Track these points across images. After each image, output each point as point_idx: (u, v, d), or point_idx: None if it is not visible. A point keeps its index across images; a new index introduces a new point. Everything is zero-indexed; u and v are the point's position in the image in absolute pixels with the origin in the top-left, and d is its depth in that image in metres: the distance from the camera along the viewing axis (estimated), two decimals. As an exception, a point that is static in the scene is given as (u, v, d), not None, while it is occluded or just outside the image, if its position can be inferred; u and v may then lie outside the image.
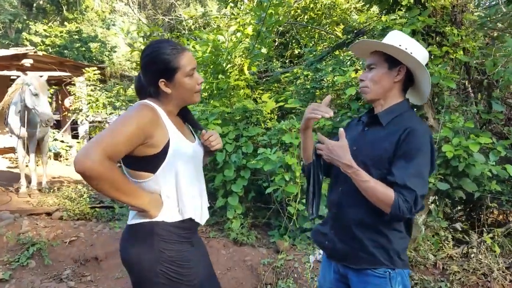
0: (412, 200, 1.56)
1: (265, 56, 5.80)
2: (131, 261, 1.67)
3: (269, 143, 4.27)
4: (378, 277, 1.70)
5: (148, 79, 1.70)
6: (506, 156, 3.61)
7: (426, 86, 1.79)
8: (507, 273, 3.25)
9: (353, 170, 1.62)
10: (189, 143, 1.75)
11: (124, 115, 1.58)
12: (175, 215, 1.69)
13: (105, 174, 1.44)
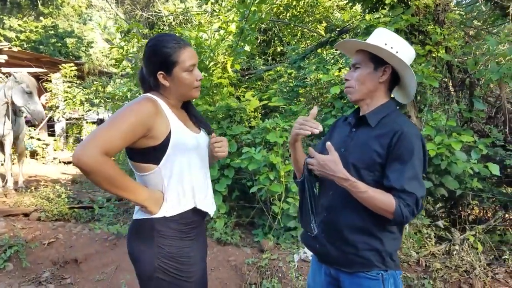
0: (413, 203, 1.56)
1: (248, 54, 5.77)
2: (133, 256, 1.71)
3: (253, 142, 4.24)
4: (370, 279, 1.68)
5: (148, 70, 1.72)
6: (488, 154, 3.67)
7: (411, 85, 1.77)
8: (488, 269, 3.31)
9: (349, 182, 1.59)
10: (192, 134, 1.76)
11: (123, 109, 1.58)
12: (177, 208, 1.69)
13: (101, 169, 1.46)
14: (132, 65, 5.20)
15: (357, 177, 1.66)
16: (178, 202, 1.69)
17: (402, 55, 1.70)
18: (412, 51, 1.77)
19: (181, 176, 1.69)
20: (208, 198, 1.83)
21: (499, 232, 3.88)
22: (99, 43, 19.16)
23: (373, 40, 1.73)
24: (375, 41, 1.71)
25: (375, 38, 1.74)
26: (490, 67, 3.48)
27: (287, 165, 3.88)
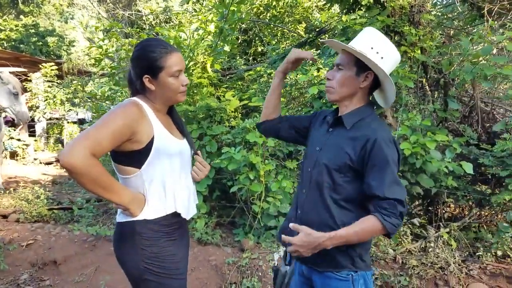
0: (395, 208, 1.57)
1: (228, 54, 5.77)
2: (120, 260, 1.75)
3: (233, 142, 4.26)
4: (340, 280, 1.71)
5: (135, 73, 1.74)
6: (462, 153, 3.75)
7: (391, 94, 1.78)
8: (463, 266, 3.39)
9: (333, 238, 1.59)
10: (175, 140, 1.78)
11: (110, 112, 1.61)
12: (159, 212, 1.72)
13: (88, 171, 1.48)
14: (112, 64, 5.16)
15: (328, 177, 1.70)
16: (159, 206, 1.72)
17: (387, 61, 1.71)
18: (397, 55, 1.77)
19: (163, 180, 1.71)
20: (190, 203, 1.86)
21: (474, 229, 3.96)
22: (81, 42, 18.90)
23: (359, 43, 1.72)
24: (361, 44, 1.70)
25: (362, 39, 1.73)
26: (464, 68, 3.55)
27: (267, 165, 3.91)
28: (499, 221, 3.80)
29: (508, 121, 3.69)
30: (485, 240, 3.64)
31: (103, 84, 6.10)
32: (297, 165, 4.17)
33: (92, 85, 7.87)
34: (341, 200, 1.70)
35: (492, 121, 4.17)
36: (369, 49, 1.68)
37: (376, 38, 1.72)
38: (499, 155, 3.63)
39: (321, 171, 1.74)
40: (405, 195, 1.63)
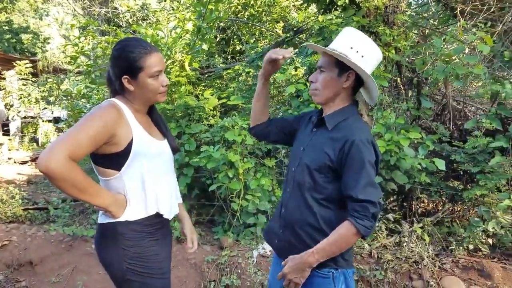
0: (367, 210, 1.61)
1: (207, 52, 5.77)
2: (103, 261, 1.75)
3: (212, 140, 4.27)
4: (321, 277, 1.74)
5: (114, 73, 1.73)
6: (435, 150, 3.86)
7: (374, 91, 1.81)
8: (436, 260, 3.48)
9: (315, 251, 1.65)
10: (155, 141, 1.77)
11: (88, 115, 1.59)
12: (140, 213, 1.72)
13: (67, 175, 1.46)
14: (88, 62, 5.10)
15: (310, 178, 1.74)
16: (140, 207, 1.72)
17: (368, 59, 1.73)
18: (378, 52, 1.78)
19: (143, 182, 1.71)
20: (172, 202, 1.86)
21: (447, 224, 4.07)
22: (56, 39, 18.54)
23: (339, 43, 1.74)
24: (341, 44, 1.72)
25: (341, 40, 1.75)
26: (437, 67, 3.65)
27: (246, 163, 3.94)
28: (471, 216, 3.91)
29: (479, 118, 3.79)
30: (458, 235, 3.74)
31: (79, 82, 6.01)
32: (276, 163, 4.21)
33: (67, 83, 7.74)
34: (322, 200, 1.74)
35: (464, 119, 4.29)
36: (348, 49, 1.70)
37: (356, 37, 1.74)
38: (471, 152, 3.74)
39: (302, 171, 1.78)
40: (379, 197, 1.66)
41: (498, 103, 3.79)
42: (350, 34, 1.75)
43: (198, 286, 3.56)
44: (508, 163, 3.55)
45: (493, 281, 3.23)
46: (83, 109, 5.03)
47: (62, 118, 11.54)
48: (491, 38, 3.53)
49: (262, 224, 3.99)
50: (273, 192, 4.09)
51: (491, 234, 3.63)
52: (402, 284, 3.33)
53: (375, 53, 1.76)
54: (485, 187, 3.55)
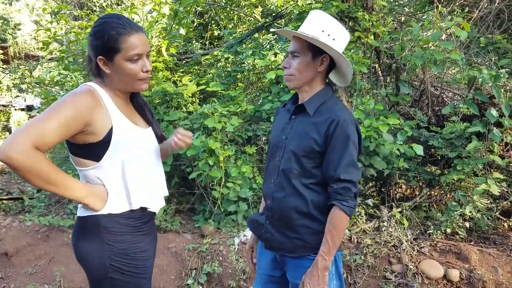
0: (349, 191, 1.66)
1: (184, 37, 5.67)
2: (82, 257, 1.61)
3: (192, 128, 4.21)
4: (311, 260, 1.75)
5: (91, 53, 1.58)
6: (413, 136, 3.90)
7: (348, 71, 1.82)
8: (415, 244, 3.55)
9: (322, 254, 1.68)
10: (138, 129, 1.64)
11: (59, 101, 1.46)
12: (124, 206, 1.60)
13: (30, 165, 1.34)
14: (61, 48, 4.94)
15: (297, 165, 1.75)
16: (122, 200, 1.59)
17: (339, 41, 1.74)
18: (347, 35, 1.81)
19: (125, 174, 1.58)
20: (158, 194, 1.75)
21: (425, 208, 4.15)
22: (27, 25, 17.93)
23: (310, 27, 1.73)
24: (312, 28, 1.72)
25: (312, 23, 1.74)
26: (415, 53, 3.67)
27: (226, 150, 3.90)
28: (448, 200, 3.98)
29: (457, 104, 3.85)
30: (435, 219, 3.82)
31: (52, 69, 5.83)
32: (256, 150, 4.19)
33: (40, 70, 7.50)
34: (311, 184, 1.76)
35: (441, 105, 4.34)
36: (320, 32, 1.70)
37: (325, 20, 1.73)
38: (448, 137, 3.79)
39: (289, 158, 1.77)
40: (359, 177, 1.71)
41: (475, 88, 3.85)
42: (319, 17, 1.74)
43: (179, 275, 3.55)
44: (485, 148, 3.62)
45: (470, 263, 3.31)
46: (57, 97, 4.88)
47: (35, 106, 11.22)
48: (468, 24, 3.57)
49: (243, 212, 3.98)
50: (254, 179, 4.08)
51: (468, 218, 3.72)
52: (382, 268, 3.39)
53: (344, 36, 1.78)
54: (462, 172, 3.61)
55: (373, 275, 3.37)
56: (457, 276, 3.23)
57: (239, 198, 4.00)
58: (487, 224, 3.76)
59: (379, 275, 3.36)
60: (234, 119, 3.99)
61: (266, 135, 4.20)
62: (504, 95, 3.45)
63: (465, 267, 3.30)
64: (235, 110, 4.19)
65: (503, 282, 3.17)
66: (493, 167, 3.76)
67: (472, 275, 3.20)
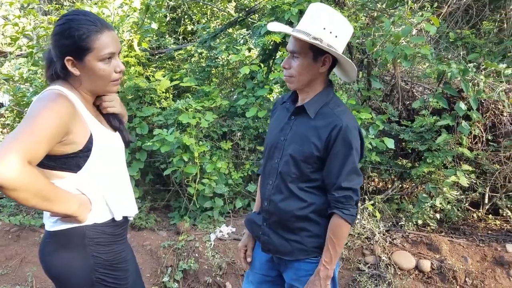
0: (350, 199, 1.64)
1: (157, 32, 5.59)
2: (59, 274, 1.49)
3: (165, 124, 4.17)
4: (310, 263, 1.76)
5: (55, 54, 1.45)
6: (384, 130, 3.97)
7: (351, 70, 1.74)
8: (387, 235, 3.63)
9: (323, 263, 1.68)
10: (112, 135, 1.58)
11: (37, 109, 1.31)
12: (106, 215, 1.53)
13: (28, 183, 1.21)
14: (29, 43, 4.80)
15: (295, 168, 1.71)
16: (105, 208, 1.53)
17: (342, 38, 1.65)
18: (349, 28, 1.70)
19: (106, 181, 1.52)
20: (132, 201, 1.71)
21: (397, 200, 4.24)
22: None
23: (311, 24, 1.63)
24: (313, 26, 1.62)
25: (312, 20, 1.64)
26: (386, 48, 3.72)
27: (201, 146, 3.88)
28: (419, 192, 4.08)
29: (426, 98, 3.94)
30: (407, 211, 3.91)
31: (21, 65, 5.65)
32: (232, 146, 4.19)
33: (8, 66, 7.27)
34: (309, 188, 1.73)
35: (412, 99, 4.43)
36: (321, 30, 1.60)
37: (327, 15, 1.63)
38: (418, 131, 3.88)
39: (287, 162, 1.73)
40: (361, 183, 1.68)
41: (444, 82, 3.94)
42: (320, 12, 1.64)
43: (154, 272, 3.53)
44: (454, 141, 3.72)
45: (441, 254, 3.41)
46: (26, 93, 4.75)
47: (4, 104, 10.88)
48: (437, 20, 3.65)
49: (219, 208, 3.98)
50: (230, 175, 4.08)
51: (438, 209, 3.82)
52: (356, 260, 3.45)
53: (347, 30, 1.68)
54: (432, 164, 3.71)
55: (347, 267, 3.43)
56: (429, 267, 3.33)
57: (215, 194, 3.99)
58: (457, 215, 3.87)
59: (353, 266, 3.43)
60: (208, 115, 3.97)
61: (241, 130, 4.20)
62: (472, 89, 3.55)
63: (436, 257, 3.39)
64: (209, 106, 4.17)
65: (472, 271, 3.28)
66: (462, 160, 3.87)
67: (443, 265, 3.30)
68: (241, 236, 3.71)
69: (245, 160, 4.21)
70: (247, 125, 4.17)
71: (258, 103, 4.11)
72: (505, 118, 3.80)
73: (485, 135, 3.82)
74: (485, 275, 3.25)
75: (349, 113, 1.74)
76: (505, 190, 3.92)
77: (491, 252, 3.41)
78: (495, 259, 3.37)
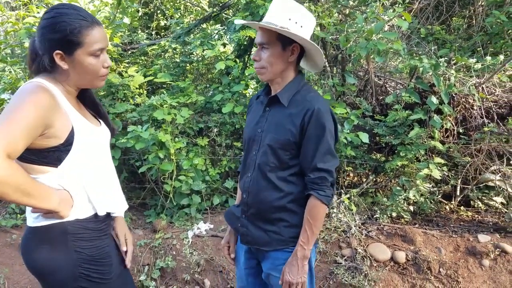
0: (326, 181, 1.68)
1: (129, 27, 5.49)
2: (42, 269, 1.48)
3: (140, 120, 4.11)
4: (287, 252, 1.78)
5: (43, 47, 1.43)
6: (359, 124, 4.02)
7: (318, 58, 1.81)
8: (363, 228, 3.69)
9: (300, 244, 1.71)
10: (95, 129, 1.57)
11: (16, 101, 1.30)
12: (88, 211, 1.53)
13: (9, 178, 1.19)
14: (-4, 39, 4.63)
15: (274, 157, 1.75)
16: (87, 204, 1.52)
17: (307, 28, 1.72)
18: (313, 19, 1.77)
19: (88, 176, 1.51)
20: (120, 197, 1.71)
21: (371, 194, 4.31)
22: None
23: (277, 16, 1.68)
24: (279, 17, 1.68)
25: (277, 11, 1.70)
26: (359, 44, 3.77)
27: (177, 143, 3.84)
28: (393, 185, 4.16)
29: (399, 93, 4.01)
30: (381, 204, 3.98)
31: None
32: (208, 142, 4.16)
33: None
34: (288, 176, 1.76)
35: (385, 94, 4.50)
36: (287, 21, 1.66)
37: (290, 7, 1.70)
38: (391, 125, 3.95)
39: (265, 152, 1.76)
40: (336, 165, 1.73)
41: (416, 77, 4.02)
42: (284, 4, 1.70)
43: (131, 271, 3.46)
44: (426, 134, 3.81)
45: (415, 245, 3.49)
46: (-6, 91, 4.59)
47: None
48: (409, 15, 3.71)
49: (196, 205, 3.95)
50: (207, 171, 4.05)
51: (412, 202, 3.91)
52: (332, 253, 3.49)
53: (311, 21, 1.75)
54: (405, 158, 3.79)
55: (325, 260, 3.47)
56: (404, 258, 3.40)
57: (191, 191, 3.96)
58: (430, 207, 3.97)
59: (330, 259, 3.47)
60: (184, 111, 3.93)
61: (218, 126, 4.18)
62: (444, 83, 3.63)
63: (411, 248, 3.47)
64: (185, 102, 4.13)
65: (446, 262, 3.37)
66: (434, 153, 3.96)
67: (418, 256, 3.38)
68: (219, 232, 3.70)
69: (222, 157, 4.20)
70: (223, 121, 4.15)
71: (234, 98, 4.10)
72: (475, 112, 3.91)
73: (456, 129, 3.92)
74: (459, 265, 3.35)
75: (321, 98, 1.78)
76: (476, 182, 4.04)
77: (464, 243, 3.52)
78: (468, 250, 3.47)
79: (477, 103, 3.79)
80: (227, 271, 3.45)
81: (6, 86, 4.35)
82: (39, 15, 4.46)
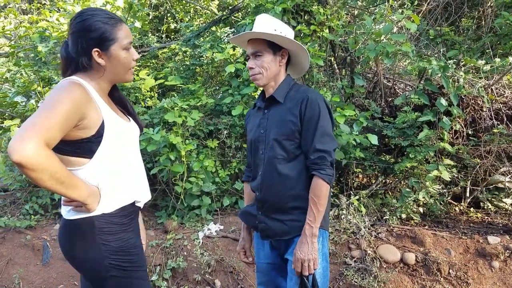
0: (325, 160, 1.81)
1: (140, 30, 5.57)
2: (77, 260, 1.61)
3: (151, 123, 4.17)
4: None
5: (79, 48, 1.55)
6: (368, 126, 4.04)
7: (305, 60, 2.04)
8: (372, 229, 3.71)
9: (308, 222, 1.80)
10: (124, 123, 1.66)
11: (53, 96, 1.41)
12: (116, 204, 1.61)
13: (46, 164, 1.30)
14: (10, 43, 4.73)
15: (280, 149, 1.89)
16: (115, 197, 1.60)
17: (290, 37, 1.95)
18: (292, 31, 2.03)
19: (116, 169, 1.60)
20: (145, 187, 1.79)
21: (381, 195, 4.32)
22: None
23: (264, 28, 1.90)
24: (267, 29, 1.90)
25: (263, 25, 1.92)
26: (368, 46, 3.79)
27: (188, 145, 3.89)
28: (402, 187, 4.17)
29: (408, 95, 4.01)
30: (391, 205, 3.99)
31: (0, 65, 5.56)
32: (218, 144, 4.21)
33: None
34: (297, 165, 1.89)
35: (394, 96, 4.51)
36: (273, 31, 1.89)
37: (272, 21, 1.94)
38: (401, 127, 3.96)
39: (272, 147, 1.90)
40: (335, 146, 1.86)
41: (425, 79, 4.02)
42: (267, 20, 1.94)
43: (143, 272, 3.53)
44: (435, 136, 3.81)
45: (425, 247, 3.50)
46: (8, 94, 4.68)
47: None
48: (418, 17, 3.72)
49: (206, 206, 4.00)
50: (217, 173, 4.10)
51: (421, 203, 3.92)
52: (342, 254, 3.52)
53: (291, 32, 2.00)
54: (414, 160, 3.80)
55: (334, 261, 3.49)
56: (413, 259, 3.41)
57: (202, 192, 4.01)
58: (440, 209, 3.97)
59: (339, 261, 3.49)
60: (194, 113, 3.98)
61: (227, 128, 4.22)
62: (453, 85, 3.64)
63: (420, 250, 3.48)
64: (195, 104, 4.18)
65: (456, 263, 3.37)
66: (443, 154, 3.96)
67: (427, 258, 3.39)
68: (229, 233, 3.75)
69: (231, 158, 4.24)
70: (233, 123, 4.20)
71: (243, 101, 4.14)
72: (484, 113, 3.90)
73: (466, 130, 3.92)
74: (468, 267, 3.35)
75: (312, 89, 1.98)
76: (485, 184, 4.03)
77: (474, 244, 3.52)
78: (478, 251, 3.47)
79: (486, 105, 3.78)
80: (237, 272, 3.49)
81: (20, 90, 4.44)
82: (51, 20, 4.55)
